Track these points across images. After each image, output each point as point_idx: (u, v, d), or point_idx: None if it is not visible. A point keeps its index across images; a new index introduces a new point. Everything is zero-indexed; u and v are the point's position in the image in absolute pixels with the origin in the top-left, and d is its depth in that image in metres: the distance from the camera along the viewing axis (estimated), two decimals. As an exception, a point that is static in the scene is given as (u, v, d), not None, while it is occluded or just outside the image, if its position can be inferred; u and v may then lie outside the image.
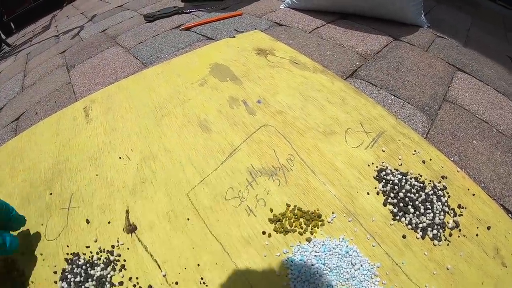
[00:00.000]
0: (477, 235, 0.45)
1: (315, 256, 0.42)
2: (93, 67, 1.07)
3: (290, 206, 0.48)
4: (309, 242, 0.44)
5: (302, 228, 0.45)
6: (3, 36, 2.20)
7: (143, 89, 0.76)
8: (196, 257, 0.45)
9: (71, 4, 2.65)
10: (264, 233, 0.46)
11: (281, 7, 1.23)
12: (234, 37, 0.90)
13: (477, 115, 0.71)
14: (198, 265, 0.44)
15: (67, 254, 0.49)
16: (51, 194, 0.58)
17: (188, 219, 0.49)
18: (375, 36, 0.97)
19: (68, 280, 0.46)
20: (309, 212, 0.47)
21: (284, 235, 0.45)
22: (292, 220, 0.46)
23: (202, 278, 0.43)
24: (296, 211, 0.47)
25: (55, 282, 0.46)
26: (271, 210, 0.48)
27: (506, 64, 0.97)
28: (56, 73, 1.17)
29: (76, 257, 0.48)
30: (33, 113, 0.95)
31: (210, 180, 0.53)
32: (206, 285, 0.42)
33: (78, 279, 0.46)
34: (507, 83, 0.85)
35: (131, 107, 0.71)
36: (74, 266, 0.47)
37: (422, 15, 1.03)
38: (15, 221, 0.49)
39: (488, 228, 0.45)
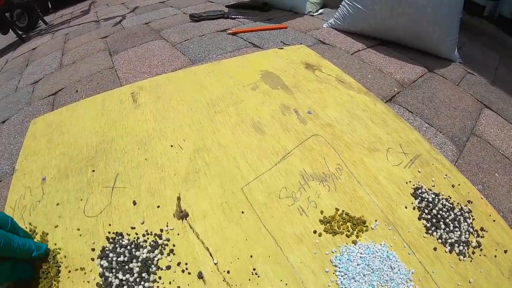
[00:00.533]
0: (495, 256, 0.49)
1: (361, 257, 0.47)
2: (138, 56, 1.12)
3: (338, 210, 0.53)
4: (355, 244, 0.48)
5: (349, 231, 0.50)
6: (40, 14, 2.26)
7: (194, 85, 0.80)
8: (249, 248, 0.47)
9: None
10: (315, 232, 0.50)
11: (324, 26, 1.29)
12: (282, 48, 0.96)
13: (500, 151, 0.76)
14: (251, 256, 0.46)
15: (109, 232, 0.49)
16: (93, 171, 0.58)
17: (243, 212, 0.52)
18: (411, 65, 1.03)
19: (110, 258, 0.45)
20: (355, 218, 0.52)
21: (333, 236, 0.49)
22: (340, 223, 0.51)
23: (254, 269, 0.45)
24: (344, 216, 0.52)
25: (92, 259, 0.46)
26: (322, 212, 0.52)
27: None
28: (98, 56, 1.22)
29: (120, 237, 0.48)
30: (73, 90, 0.99)
31: (264, 178, 0.57)
32: (258, 276, 0.44)
33: (121, 258, 0.45)
34: (529, 126, 0.90)
35: (182, 99, 0.75)
36: (117, 245, 0.47)
37: (456, 50, 1.09)
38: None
39: (505, 251, 0.50)
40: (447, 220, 0.53)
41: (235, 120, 0.69)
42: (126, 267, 0.44)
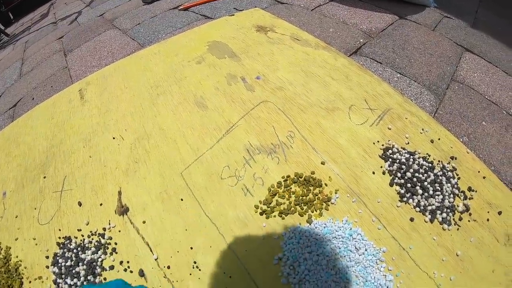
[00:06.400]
0: (488, 220, 0.42)
1: (316, 239, 0.39)
2: (90, 50, 1.05)
3: (287, 180, 0.46)
4: (310, 224, 0.41)
5: (302, 209, 0.42)
6: (1, 27, 2.17)
7: (139, 69, 0.73)
8: (189, 239, 0.43)
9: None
10: (261, 214, 0.43)
11: (282, -15, 1.18)
12: (233, 15, 0.87)
13: (486, 96, 0.68)
14: (191, 248, 0.42)
15: (59, 238, 0.48)
16: (44, 177, 0.57)
17: (182, 200, 0.46)
18: (379, 14, 0.93)
19: (59, 264, 0.44)
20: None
21: (283, 217, 0.42)
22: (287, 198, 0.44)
23: (195, 262, 0.41)
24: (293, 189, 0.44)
25: (47, 267, 0.45)
26: (269, 190, 0.45)
27: (515, 47, 0.93)
28: (54, 58, 1.15)
29: (68, 241, 0.47)
30: (29, 99, 0.94)
31: (205, 158, 0.50)
32: (200, 270, 0.40)
33: (69, 263, 0.44)
34: (517, 66, 0.81)
35: (127, 87, 0.69)
36: (65, 250, 0.46)
37: (430, -6, 0.99)
38: None
39: (499, 213, 0.42)
40: (425, 183, 0.45)
41: (178, 100, 0.62)
42: (73, 271, 0.44)
